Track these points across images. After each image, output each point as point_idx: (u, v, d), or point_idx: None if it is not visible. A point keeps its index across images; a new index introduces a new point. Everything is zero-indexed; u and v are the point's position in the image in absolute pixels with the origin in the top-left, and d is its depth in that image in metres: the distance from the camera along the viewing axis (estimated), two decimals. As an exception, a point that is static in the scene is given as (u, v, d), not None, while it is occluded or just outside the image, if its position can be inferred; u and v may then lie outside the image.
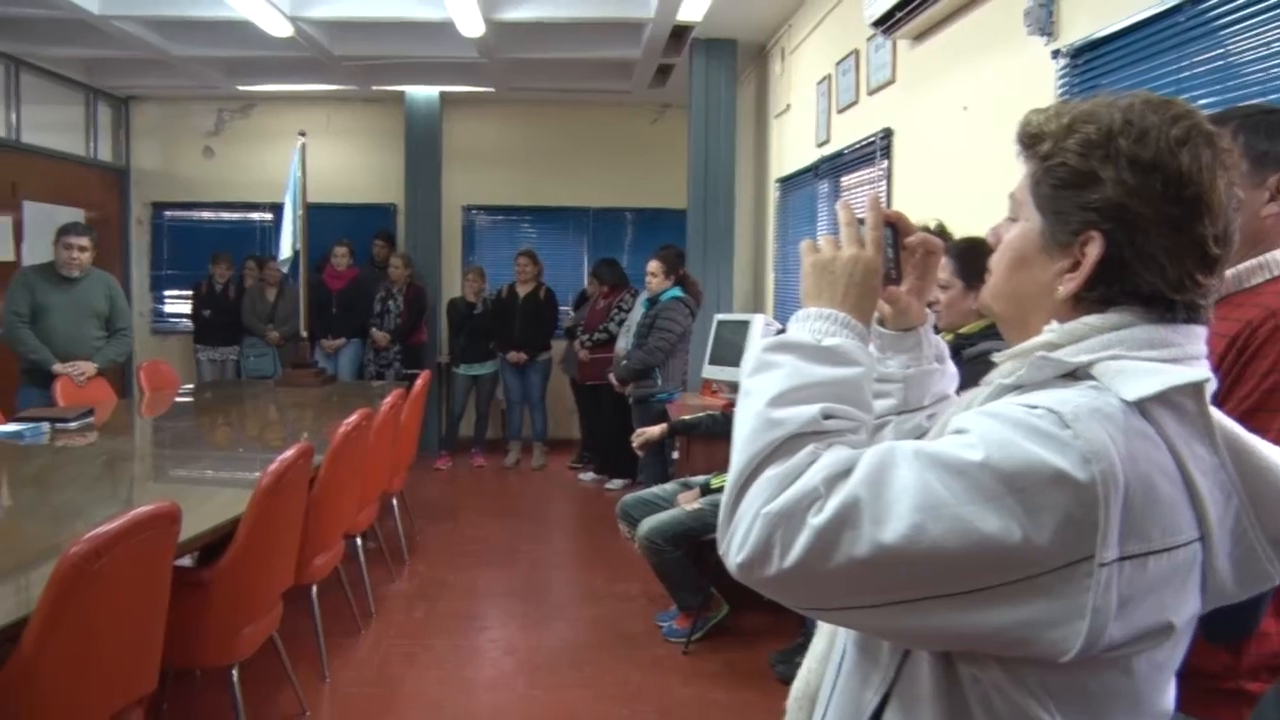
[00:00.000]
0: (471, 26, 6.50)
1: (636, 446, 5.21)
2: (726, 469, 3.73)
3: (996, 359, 1.09)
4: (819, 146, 6.07)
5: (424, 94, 8.98)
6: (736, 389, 4.54)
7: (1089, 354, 0.98)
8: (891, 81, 4.88)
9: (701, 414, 5.10)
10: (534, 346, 8.16)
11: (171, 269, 9.57)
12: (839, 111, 5.70)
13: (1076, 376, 0.98)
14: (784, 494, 0.93)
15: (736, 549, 0.95)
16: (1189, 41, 2.67)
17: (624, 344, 6.93)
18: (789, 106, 6.91)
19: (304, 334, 7.27)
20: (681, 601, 4.46)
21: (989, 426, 0.93)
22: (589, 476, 7.91)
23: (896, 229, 1.23)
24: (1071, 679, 0.93)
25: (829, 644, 1.21)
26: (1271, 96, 2.32)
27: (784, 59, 6.99)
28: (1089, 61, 3.12)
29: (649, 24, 6.61)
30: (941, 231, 2.79)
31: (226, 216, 9.58)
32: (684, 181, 7.62)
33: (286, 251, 7.13)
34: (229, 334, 8.60)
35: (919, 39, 4.52)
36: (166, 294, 9.64)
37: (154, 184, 9.51)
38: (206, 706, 3.73)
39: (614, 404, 7.02)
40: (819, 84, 6.05)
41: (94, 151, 8.99)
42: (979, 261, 2.67)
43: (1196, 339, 1.01)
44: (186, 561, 3.12)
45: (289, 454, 3.23)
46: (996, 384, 1.04)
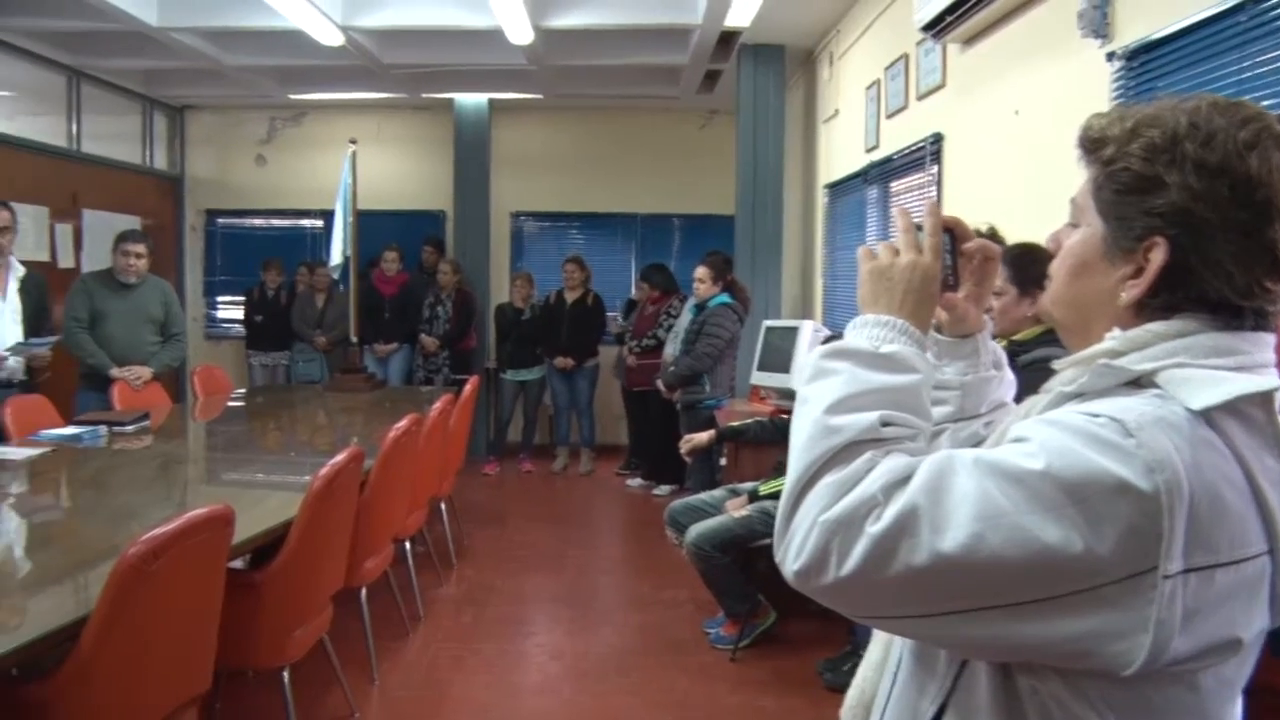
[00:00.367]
0: (520, 34, 6.54)
1: (685, 452, 5.20)
2: (775, 475, 3.72)
3: (1056, 366, 1.07)
4: (868, 152, 6.03)
5: (473, 101, 9.04)
6: (785, 395, 4.52)
7: (1153, 362, 0.96)
8: (941, 86, 4.84)
9: (750, 420, 5.08)
10: (581, 352, 8.17)
11: (224, 275, 9.72)
12: (888, 116, 5.66)
13: (1140, 385, 0.96)
14: (841, 501, 0.92)
15: (793, 556, 0.95)
16: (1250, 42, 2.61)
17: (671, 350, 6.92)
18: (837, 112, 6.87)
19: (354, 339, 7.33)
20: (729, 608, 4.44)
21: (1050, 435, 0.91)
22: (636, 482, 7.91)
23: (954, 235, 1.21)
24: (1135, 693, 0.91)
25: (884, 652, 1.20)
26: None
27: (832, 64, 6.95)
28: (1145, 64, 3.06)
29: (697, 30, 6.60)
30: (993, 235, 2.74)
31: (277, 223, 9.71)
32: (732, 187, 7.60)
33: (337, 258, 7.22)
34: (280, 339, 8.71)
35: (969, 43, 4.47)
36: (219, 300, 9.78)
37: (208, 191, 9.66)
38: (258, 706, 3.76)
39: (662, 410, 7.01)
40: (868, 89, 6.01)
41: (150, 160, 9.16)
42: (1033, 267, 2.67)
43: (1265, 346, 0.98)
44: (239, 564, 3.16)
45: (340, 458, 3.26)
46: (1057, 391, 1.02)
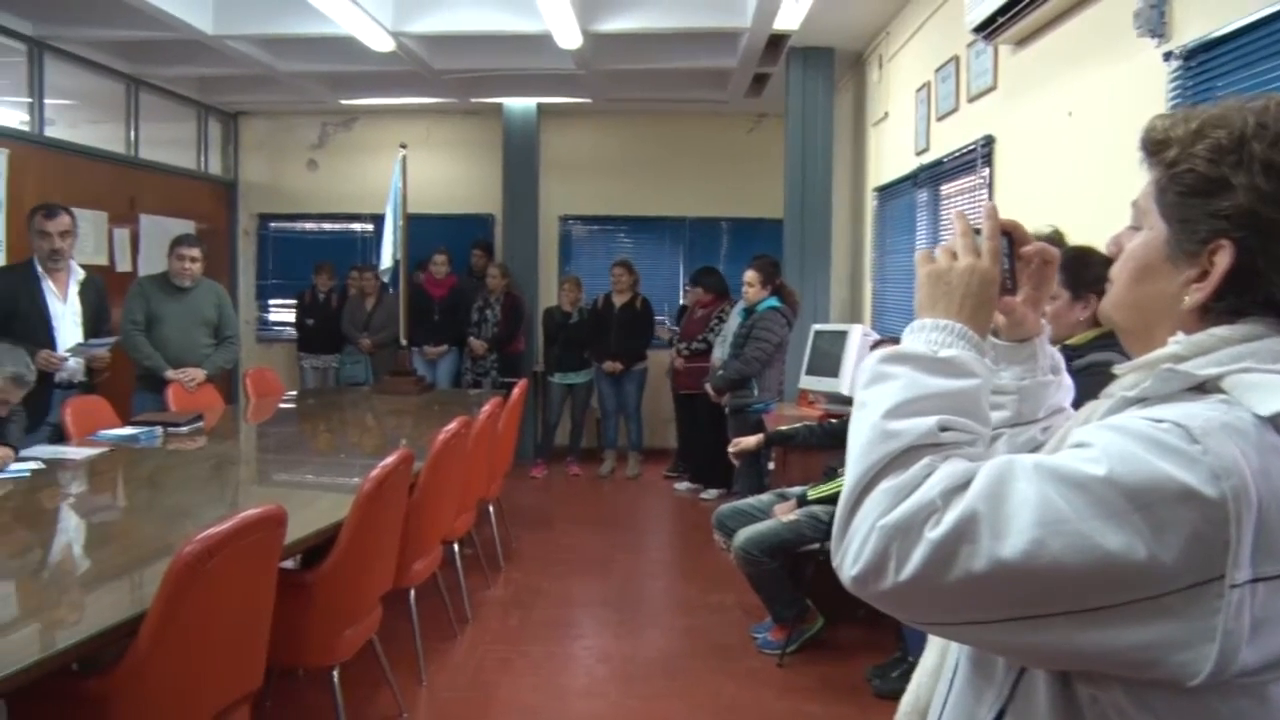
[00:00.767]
0: (569, 38, 6.56)
1: (733, 456, 5.19)
2: (824, 480, 3.70)
3: (1118, 371, 1.06)
4: (918, 155, 5.98)
5: (521, 105, 9.09)
6: (833, 399, 4.49)
7: (1218, 367, 0.94)
8: (993, 88, 4.79)
9: (798, 425, 5.05)
10: (629, 356, 8.18)
11: (276, 278, 9.84)
12: (938, 119, 5.61)
13: (1204, 390, 0.94)
14: (900, 506, 0.91)
15: (851, 562, 0.93)
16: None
17: (720, 354, 6.91)
18: (887, 114, 6.82)
19: (404, 342, 7.40)
20: (776, 613, 4.42)
21: (1112, 440, 0.90)
22: (684, 486, 7.90)
23: (1012, 238, 1.20)
24: (1201, 705, 0.89)
25: (940, 659, 1.18)
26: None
27: (882, 66, 6.91)
28: (1204, 64, 3.01)
29: (745, 33, 6.59)
30: (1057, 238, 2.70)
31: (328, 227, 9.82)
32: (780, 191, 7.57)
33: (387, 261, 7.29)
34: (331, 342, 8.80)
35: (1021, 44, 4.42)
36: (271, 303, 9.90)
37: (260, 196, 9.79)
38: (308, 705, 3.81)
39: (710, 414, 7.00)
40: (918, 91, 5.96)
41: (204, 165, 9.31)
42: (1086, 271, 2.63)
43: None
44: (290, 564, 3.19)
45: (390, 460, 3.29)
46: (1119, 397, 1.01)
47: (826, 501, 4.22)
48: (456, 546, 4.82)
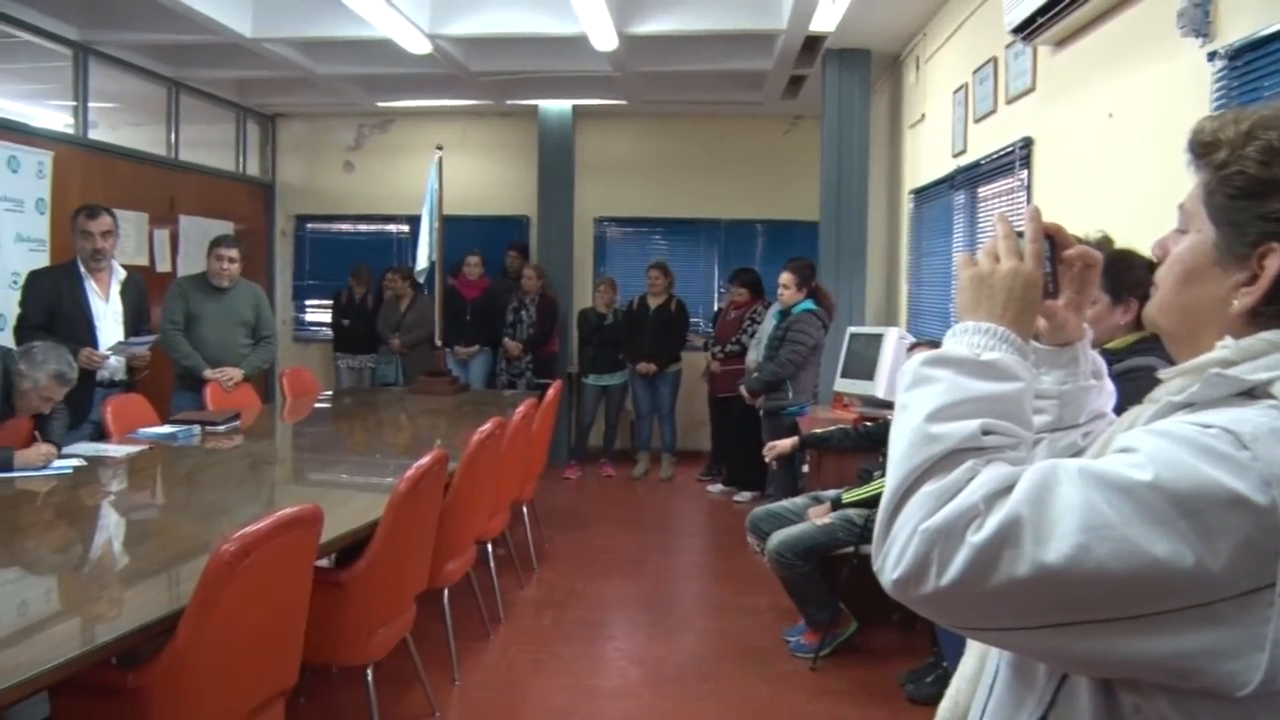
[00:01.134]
0: (605, 40, 6.57)
1: (768, 459, 5.17)
2: (859, 484, 3.67)
3: (1163, 375, 1.04)
4: (955, 157, 5.93)
5: (557, 107, 9.11)
6: (868, 402, 4.46)
7: (1268, 371, 0.93)
8: (1031, 89, 4.74)
9: (833, 428, 5.03)
10: (664, 358, 8.18)
11: (313, 279, 9.91)
12: (976, 121, 5.57)
13: (1254, 395, 0.93)
14: (942, 510, 0.90)
15: (892, 565, 0.92)
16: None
17: (755, 356, 6.89)
18: (923, 116, 6.78)
19: (439, 343, 7.43)
20: (810, 617, 4.40)
21: (1158, 446, 0.88)
22: (717, 488, 7.89)
23: (1054, 242, 1.19)
24: (1248, 715, 0.87)
25: (979, 664, 1.17)
26: None
27: (919, 68, 6.86)
28: (1250, 64, 2.96)
29: (781, 35, 6.57)
30: (1106, 244, 2.66)
31: (364, 228, 9.89)
32: (816, 193, 7.54)
33: (423, 262, 7.33)
34: (367, 342, 8.85)
35: (1061, 45, 4.38)
36: (308, 303, 9.97)
37: (297, 197, 9.87)
38: (341, 703, 3.83)
39: (745, 416, 6.98)
40: (955, 93, 5.91)
41: (243, 167, 9.40)
42: (1126, 275, 2.60)
43: None
44: (324, 563, 3.21)
45: (425, 460, 3.30)
46: (1165, 402, 0.99)
47: (861, 505, 4.20)
48: (490, 547, 4.83)
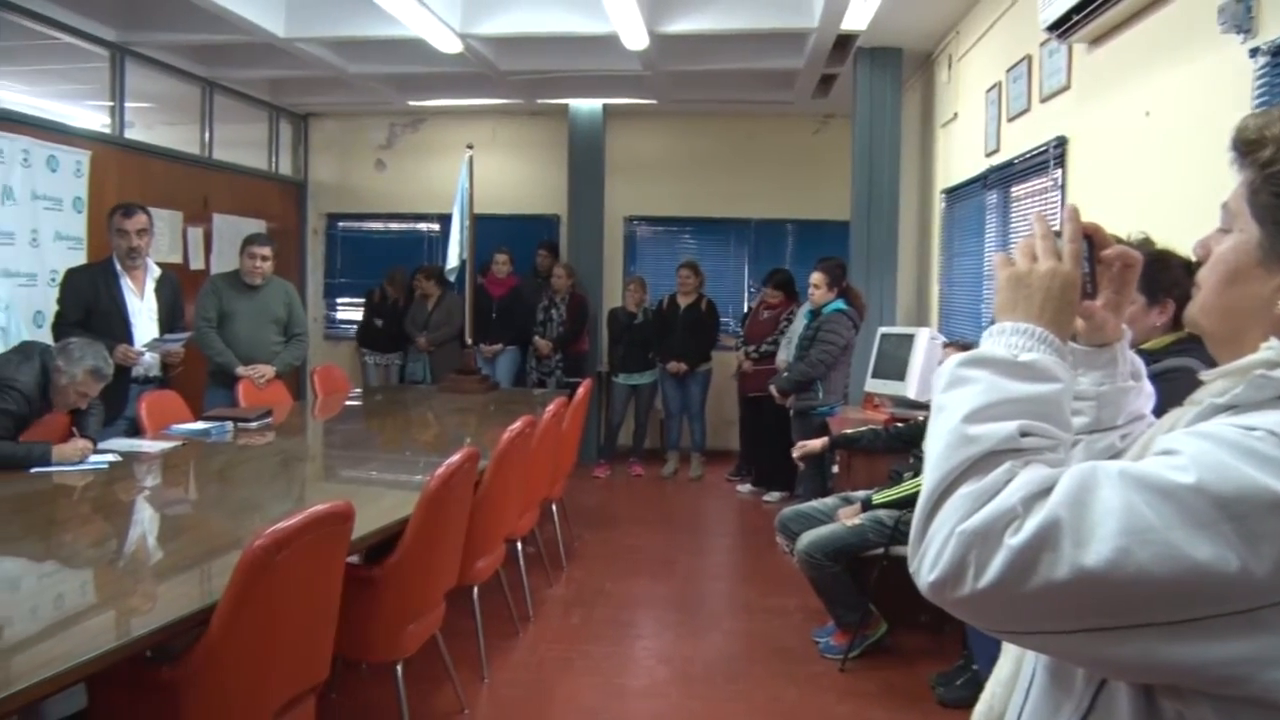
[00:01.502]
0: (635, 39, 6.57)
1: (797, 458, 5.15)
2: (889, 485, 3.64)
3: (1205, 377, 1.03)
4: (987, 156, 5.89)
5: (587, 107, 9.12)
6: (899, 403, 4.44)
7: None
8: (1066, 87, 4.70)
9: (863, 428, 5.00)
10: (694, 357, 8.17)
11: (344, 277, 9.98)
12: (1009, 120, 5.52)
13: None
14: (980, 512, 0.89)
15: (929, 568, 0.91)
16: None
17: (785, 356, 6.87)
18: (956, 115, 6.73)
19: (468, 341, 7.46)
20: (839, 618, 4.38)
21: (1201, 448, 0.87)
22: (746, 488, 7.88)
23: (1092, 241, 1.17)
24: None
25: (1015, 668, 1.16)
26: None
27: (951, 67, 6.82)
28: (1292, 61, 2.92)
29: (813, 34, 6.54)
30: (1147, 245, 2.64)
31: (395, 227, 9.94)
32: (847, 193, 7.51)
33: (453, 261, 7.36)
34: (394, 340, 8.90)
35: (1097, 42, 4.33)
36: (339, 301, 10.04)
37: (329, 196, 9.94)
38: (372, 699, 3.85)
39: (775, 416, 6.96)
40: (988, 91, 5.87)
41: (275, 166, 9.48)
42: (1163, 275, 2.58)
43: None
44: (354, 559, 3.23)
45: (455, 458, 3.31)
46: (1207, 403, 0.98)
47: (892, 506, 4.18)
48: (519, 545, 4.84)
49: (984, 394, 0.98)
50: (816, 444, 5.06)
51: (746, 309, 8.87)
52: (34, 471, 3.65)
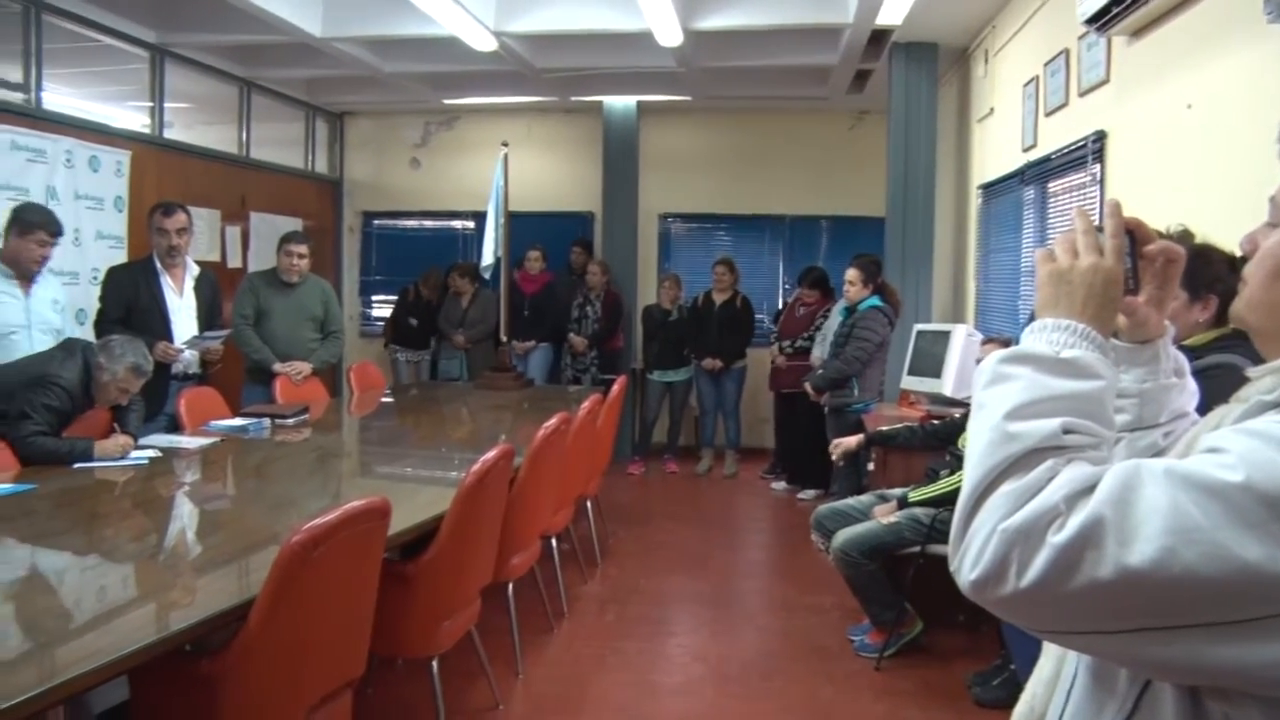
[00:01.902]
0: (670, 36, 6.56)
1: (833, 456, 5.13)
2: (925, 482, 3.61)
3: (1252, 374, 1.01)
4: (1024, 151, 5.83)
5: (622, 104, 9.12)
6: (935, 400, 4.39)
7: None
8: (1105, 81, 4.64)
9: (899, 425, 4.97)
10: (729, 354, 8.15)
11: (379, 275, 10.03)
12: (1047, 114, 5.46)
13: None
14: (1022, 510, 0.88)
15: (970, 566, 0.90)
16: None
17: (820, 353, 6.84)
18: (992, 110, 6.67)
19: (503, 338, 7.48)
20: (875, 616, 4.36)
21: (1250, 446, 0.85)
22: (781, 486, 7.85)
23: (1134, 236, 1.15)
24: None
25: (1057, 668, 1.14)
26: None
27: (988, 61, 6.76)
28: (1339, 53, 2.87)
29: (847, 29, 6.51)
30: (1187, 238, 2.60)
31: (430, 225, 9.98)
32: (882, 188, 7.47)
33: (489, 258, 7.38)
34: (425, 337, 8.93)
35: (1137, 35, 4.28)
36: (374, 299, 10.09)
37: (365, 194, 10.00)
38: (407, 694, 3.87)
39: (810, 413, 6.94)
40: (1025, 86, 5.81)
41: (311, 164, 9.54)
42: (1206, 270, 2.54)
43: None
44: (389, 555, 3.25)
45: (491, 455, 3.32)
46: (1255, 400, 0.96)
47: (928, 503, 4.15)
48: (554, 541, 4.85)
49: (1026, 391, 0.97)
50: (852, 441, 5.03)
51: (781, 305, 8.84)
52: (77, 467, 3.70)
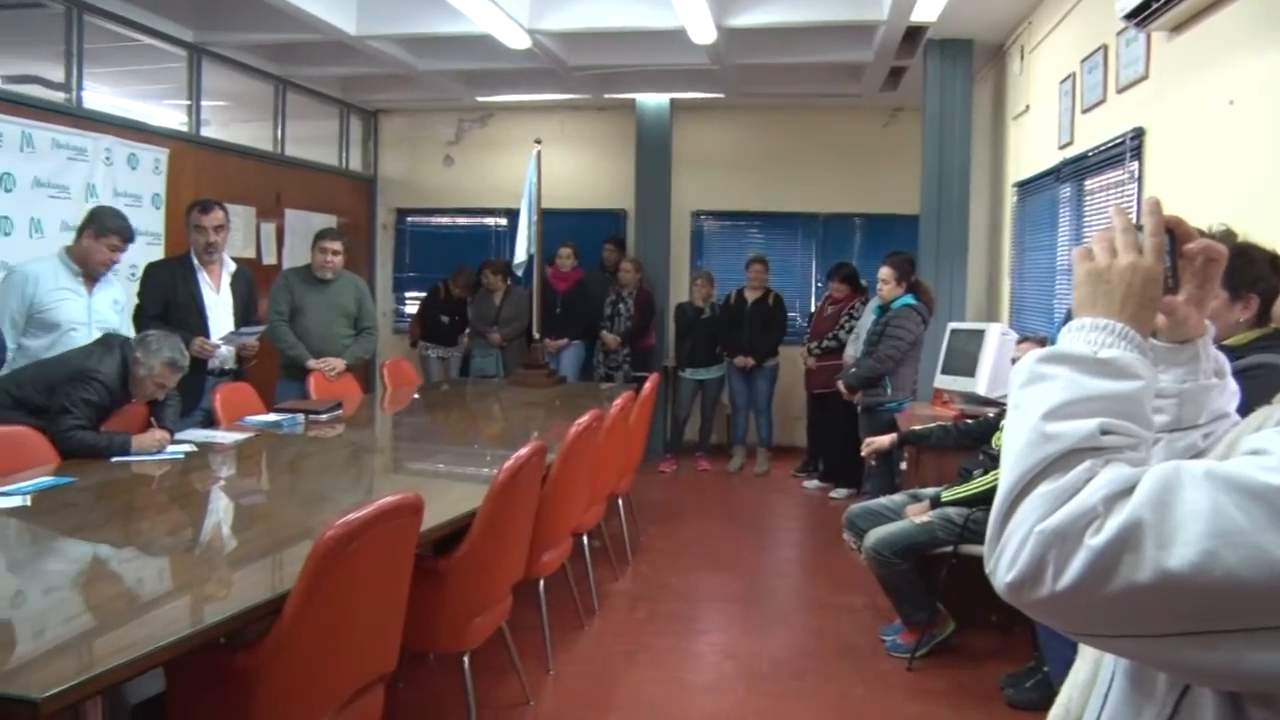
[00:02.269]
0: (703, 33, 6.55)
1: (866, 455, 5.11)
2: (958, 482, 3.59)
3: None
4: (1060, 149, 5.77)
5: (655, 101, 9.10)
6: (969, 399, 4.35)
7: None
8: (1144, 77, 4.58)
9: (933, 424, 4.94)
10: (761, 352, 8.13)
11: (413, 271, 10.07)
12: (1083, 111, 5.41)
13: None
14: (1059, 512, 0.87)
15: (1006, 568, 0.90)
16: None
17: (853, 351, 6.81)
18: (1028, 107, 6.61)
19: (536, 336, 7.49)
20: (907, 616, 4.33)
21: None
22: (813, 484, 7.82)
23: (1174, 235, 1.13)
24: None
25: (1093, 671, 1.13)
26: None
27: (1023, 58, 6.69)
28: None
29: (882, 26, 6.47)
30: (1229, 237, 2.56)
31: (463, 222, 10.02)
32: (916, 186, 7.41)
33: (521, 255, 7.41)
34: (455, 334, 8.95)
35: (1177, 30, 4.22)
36: (408, 295, 10.13)
37: (398, 191, 10.05)
38: (438, 689, 3.89)
39: (843, 412, 6.91)
40: (1061, 83, 5.75)
41: (346, 162, 9.60)
42: (1245, 270, 2.51)
43: None
44: (421, 551, 3.26)
45: (523, 451, 3.33)
46: None
47: (961, 503, 4.12)
48: (586, 538, 4.86)
49: (1063, 391, 0.96)
50: (885, 440, 5.01)
51: (814, 304, 8.80)
52: (114, 461, 3.75)
